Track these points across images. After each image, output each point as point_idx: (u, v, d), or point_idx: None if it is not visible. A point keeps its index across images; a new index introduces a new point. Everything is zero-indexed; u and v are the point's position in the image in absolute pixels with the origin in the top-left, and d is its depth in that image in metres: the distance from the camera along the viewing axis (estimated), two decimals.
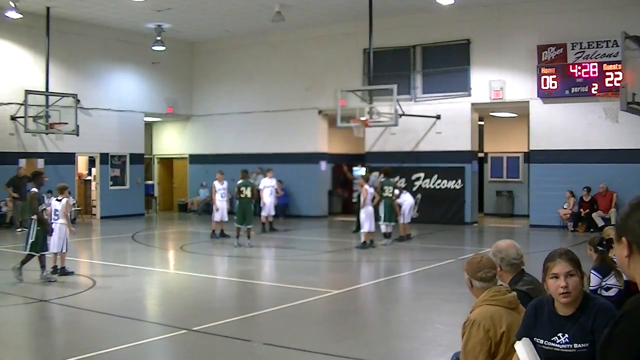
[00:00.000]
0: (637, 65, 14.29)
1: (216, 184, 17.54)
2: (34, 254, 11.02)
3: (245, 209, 15.82)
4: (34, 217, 11.07)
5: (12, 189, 19.31)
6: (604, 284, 6.29)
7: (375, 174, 18.94)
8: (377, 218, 15.94)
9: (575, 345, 3.23)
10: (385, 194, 16.04)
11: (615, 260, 6.48)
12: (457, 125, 20.81)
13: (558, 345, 3.27)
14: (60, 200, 11.66)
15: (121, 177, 23.80)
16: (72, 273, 11.64)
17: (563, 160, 19.14)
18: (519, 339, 3.46)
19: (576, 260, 3.39)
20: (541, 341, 3.33)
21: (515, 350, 3.40)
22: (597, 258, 6.40)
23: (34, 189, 11.31)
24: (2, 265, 13.17)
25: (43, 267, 11.08)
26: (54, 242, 11.48)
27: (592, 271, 6.32)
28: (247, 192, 15.90)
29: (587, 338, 3.22)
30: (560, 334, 3.28)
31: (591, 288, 6.29)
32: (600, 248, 6.34)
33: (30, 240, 10.98)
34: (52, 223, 11.45)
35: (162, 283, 11.92)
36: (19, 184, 19.43)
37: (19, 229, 18.94)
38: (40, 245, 11.04)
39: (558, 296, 3.31)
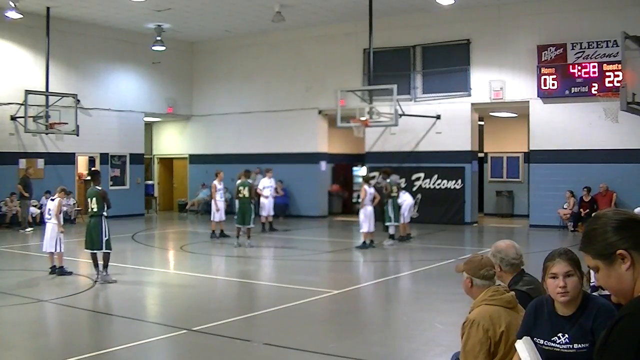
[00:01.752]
0: (637, 65, 14.30)
1: (216, 183, 17.56)
2: (110, 251, 11.11)
3: (244, 209, 15.82)
4: (105, 213, 11.12)
5: (22, 188, 19.38)
6: None
7: (375, 174, 18.95)
8: (385, 219, 15.98)
9: (576, 346, 3.22)
10: (393, 194, 16.07)
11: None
12: (457, 125, 20.80)
13: (558, 346, 3.27)
14: (54, 200, 11.72)
15: (121, 177, 23.80)
16: (70, 273, 11.64)
17: (563, 160, 19.14)
18: (520, 339, 3.46)
19: (576, 260, 3.38)
20: (541, 341, 3.33)
21: (515, 349, 3.40)
22: None
23: (98, 187, 11.34)
24: (2, 266, 13.19)
25: (106, 266, 11.12)
26: (46, 242, 11.53)
27: None
28: (245, 192, 15.90)
29: (587, 338, 3.21)
30: (560, 334, 3.27)
31: (592, 284, 6.29)
32: None
33: (105, 239, 10.99)
34: (44, 223, 11.56)
35: (162, 283, 11.90)
36: (29, 183, 19.51)
37: (28, 229, 18.96)
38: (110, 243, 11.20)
39: (557, 296, 3.31)
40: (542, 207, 19.46)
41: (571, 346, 3.23)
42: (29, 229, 19.06)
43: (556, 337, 3.28)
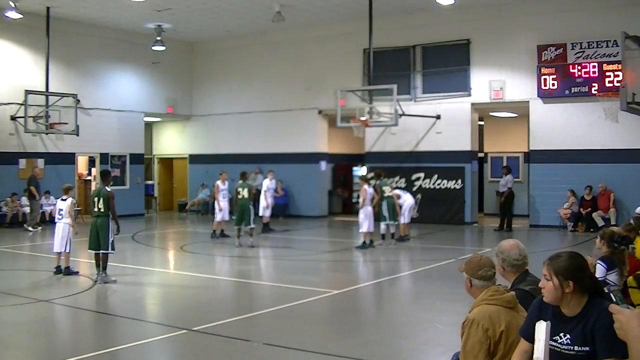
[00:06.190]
0: (637, 65, 14.28)
1: (219, 183, 17.56)
2: (113, 252, 11.12)
3: (243, 209, 15.83)
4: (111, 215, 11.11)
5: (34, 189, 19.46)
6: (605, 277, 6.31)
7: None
8: (380, 218, 15.95)
9: (576, 348, 3.22)
10: (386, 194, 16.05)
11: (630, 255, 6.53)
12: (457, 125, 20.81)
13: (559, 345, 3.27)
14: (65, 200, 11.74)
15: (121, 177, 23.80)
16: (77, 273, 11.68)
17: (563, 160, 19.14)
18: (523, 335, 3.49)
19: (560, 267, 3.32)
20: None
21: (534, 331, 3.41)
22: (608, 251, 6.43)
23: (107, 188, 11.33)
24: (3, 266, 13.19)
25: (105, 267, 11.09)
26: (57, 242, 11.54)
27: (599, 261, 6.36)
28: (245, 193, 15.93)
29: (588, 341, 3.20)
30: (562, 334, 3.27)
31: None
32: (616, 244, 6.39)
33: (110, 240, 10.99)
34: (54, 222, 11.54)
35: (162, 283, 11.90)
36: (36, 184, 19.57)
37: (31, 228, 18.96)
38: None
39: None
40: (542, 207, 19.48)
41: (572, 348, 3.23)
42: (32, 228, 19.05)
43: (558, 337, 3.28)
